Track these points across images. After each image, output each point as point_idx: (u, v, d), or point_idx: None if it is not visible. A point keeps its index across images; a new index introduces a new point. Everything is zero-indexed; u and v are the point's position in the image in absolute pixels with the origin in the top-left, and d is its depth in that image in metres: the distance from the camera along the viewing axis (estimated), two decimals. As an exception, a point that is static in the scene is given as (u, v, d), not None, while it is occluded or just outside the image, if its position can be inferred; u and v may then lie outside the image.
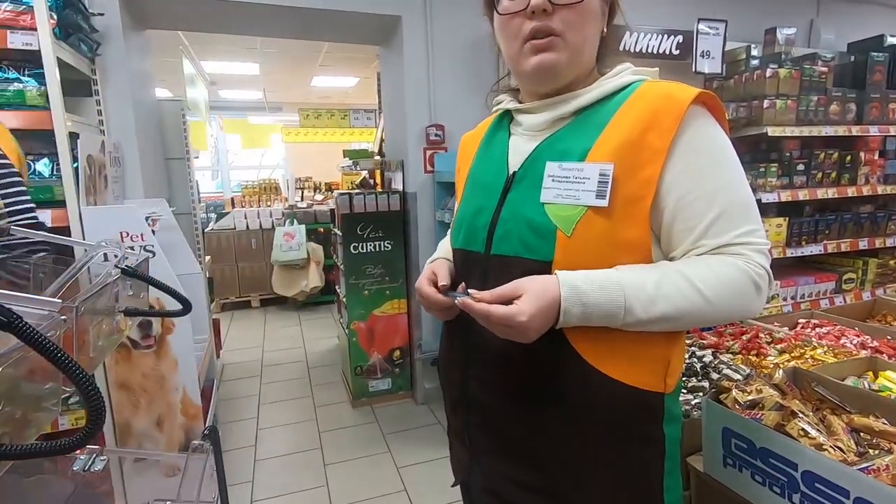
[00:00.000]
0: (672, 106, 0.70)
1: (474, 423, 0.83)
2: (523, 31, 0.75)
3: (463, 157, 0.98)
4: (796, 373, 1.22)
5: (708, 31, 2.70)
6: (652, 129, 0.70)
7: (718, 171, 0.72)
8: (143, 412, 1.92)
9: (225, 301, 5.37)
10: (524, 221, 0.74)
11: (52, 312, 0.51)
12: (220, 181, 8.86)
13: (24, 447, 0.38)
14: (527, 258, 0.73)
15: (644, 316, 0.67)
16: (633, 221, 0.70)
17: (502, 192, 0.79)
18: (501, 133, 0.88)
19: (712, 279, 0.68)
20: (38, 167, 1.73)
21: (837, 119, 2.80)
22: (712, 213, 0.70)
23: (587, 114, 0.77)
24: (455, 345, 0.86)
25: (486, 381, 0.80)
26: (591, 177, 0.70)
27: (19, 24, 1.58)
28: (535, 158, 0.77)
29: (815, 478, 0.84)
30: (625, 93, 0.76)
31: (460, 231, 0.85)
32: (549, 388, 0.73)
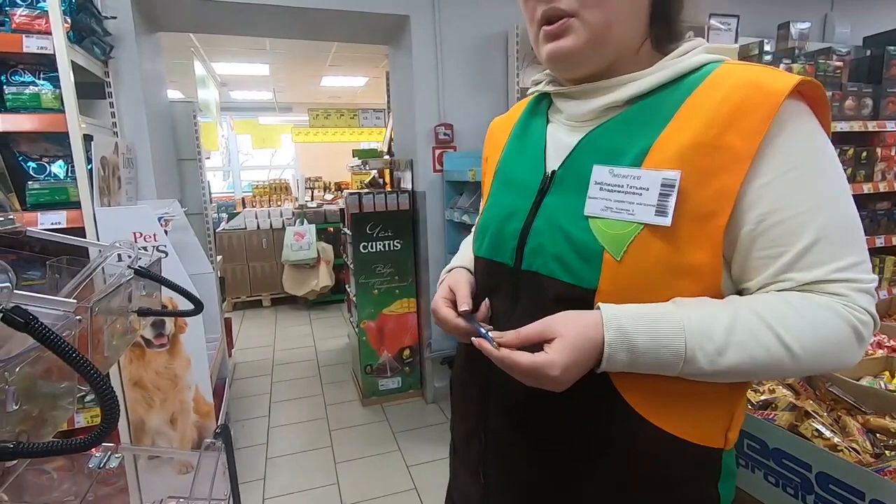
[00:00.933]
0: (762, 98, 0.55)
1: (491, 462, 0.70)
2: (536, 15, 0.64)
3: (491, 145, 0.83)
4: (810, 372, 1.21)
5: (720, 26, 2.67)
6: (733, 127, 0.55)
7: (819, 185, 0.56)
8: (157, 410, 1.94)
9: (236, 300, 5.42)
10: (563, 235, 0.61)
11: (67, 313, 0.52)
12: (232, 181, 8.94)
13: (41, 445, 0.39)
14: (564, 281, 0.60)
15: (708, 368, 0.54)
16: (702, 244, 0.56)
17: (538, 194, 0.66)
18: (538, 120, 0.73)
19: (801, 326, 0.53)
20: (53, 169, 1.76)
21: (853, 114, 2.75)
22: (806, 238, 0.54)
23: (645, 103, 0.62)
24: (475, 370, 0.71)
25: (510, 418, 0.67)
26: (651, 187, 0.56)
27: (34, 29, 1.61)
28: (576, 156, 0.64)
29: (830, 479, 0.83)
30: (695, 77, 0.60)
31: (485, 237, 0.71)
32: (587, 437, 0.61)
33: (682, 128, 0.57)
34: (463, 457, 0.78)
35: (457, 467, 0.83)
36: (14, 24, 1.60)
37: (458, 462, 0.81)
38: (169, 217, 2.16)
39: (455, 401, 0.81)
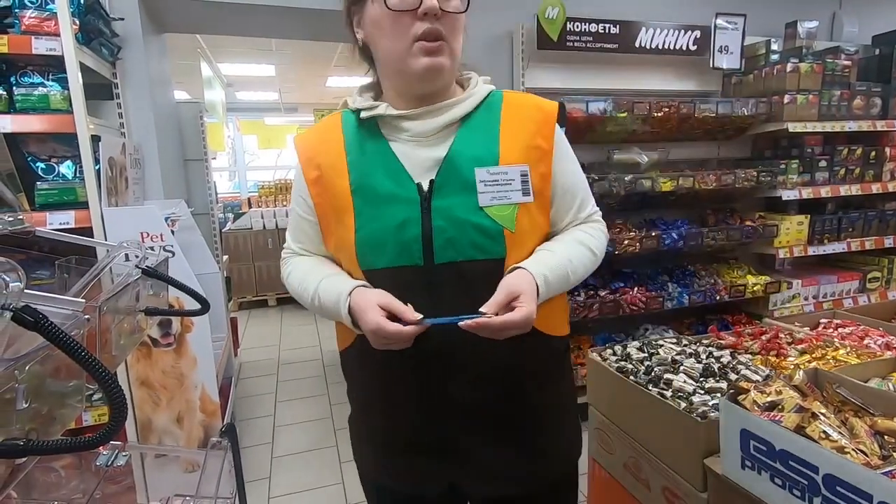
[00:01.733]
0: (547, 116, 0.87)
1: (462, 428, 0.86)
2: (414, 30, 0.76)
3: (319, 164, 0.86)
4: (817, 374, 1.20)
5: (726, 25, 2.65)
6: (538, 133, 0.85)
7: (574, 164, 0.92)
8: (164, 409, 1.95)
9: (242, 300, 5.45)
10: (470, 226, 0.79)
11: (76, 312, 0.52)
12: (238, 182, 8.98)
13: (49, 443, 0.39)
14: (482, 259, 0.80)
15: (573, 280, 0.86)
16: (543, 209, 0.87)
17: (423, 202, 0.80)
18: (376, 141, 0.84)
19: (593, 241, 0.91)
20: (61, 169, 1.77)
21: (861, 114, 2.73)
22: (579, 197, 0.92)
23: (472, 121, 0.85)
24: (421, 366, 0.82)
25: (470, 381, 0.83)
26: (515, 178, 0.81)
27: (43, 30, 1.62)
28: (452, 164, 0.81)
29: (837, 481, 0.82)
30: (492, 101, 0.87)
31: (383, 249, 0.80)
32: (515, 359, 0.85)
33: (512, 136, 0.84)
34: (421, 445, 0.88)
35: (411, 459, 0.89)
36: (23, 26, 1.61)
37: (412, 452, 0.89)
38: (175, 217, 2.17)
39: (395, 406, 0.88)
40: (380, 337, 0.74)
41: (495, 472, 0.87)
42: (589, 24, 2.49)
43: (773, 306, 2.79)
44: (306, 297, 0.88)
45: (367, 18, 0.80)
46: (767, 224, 2.68)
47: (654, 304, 2.53)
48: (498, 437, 0.87)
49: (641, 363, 1.40)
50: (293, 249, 0.96)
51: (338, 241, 0.86)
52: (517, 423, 0.87)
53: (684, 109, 2.46)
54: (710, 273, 2.81)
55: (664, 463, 1.23)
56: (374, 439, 0.93)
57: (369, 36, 0.83)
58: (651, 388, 1.27)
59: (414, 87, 0.82)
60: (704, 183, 2.48)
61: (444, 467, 0.88)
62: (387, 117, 0.84)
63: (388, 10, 0.75)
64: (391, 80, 0.85)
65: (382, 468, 0.94)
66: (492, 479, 0.88)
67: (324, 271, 0.88)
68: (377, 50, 0.83)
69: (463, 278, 0.79)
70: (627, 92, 2.67)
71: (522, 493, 0.90)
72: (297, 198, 0.91)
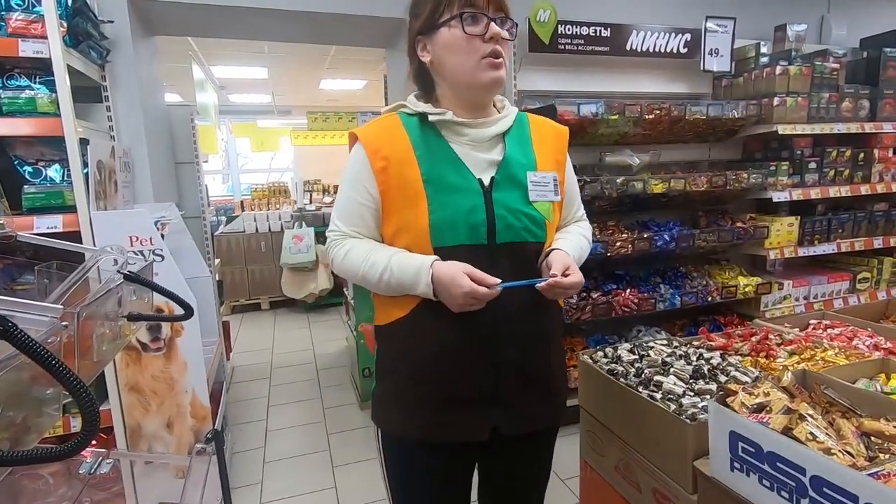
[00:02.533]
0: (562, 136, 1.13)
1: (507, 381, 1.03)
2: (483, 49, 0.96)
3: (386, 155, 1.00)
4: (806, 375, 1.20)
5: (716, 28, 2.67)
6: (556, 149, 1.11)
7: (574, 176, 1.19)
8: (153, 414, 1.93)
9: (235, 303, 5.42)
10: (525, 216, 1.00)
11: (53, 319, 0.52)
12: (231, 184, 8.94)
13: (21, 453, 0.38)
14: (532, 241, 1.02)
15: (582, 261, 1.12)
16: (560, 207, 1.12)
17: (485, 195, 0.99)
18: (438, 141, 1.02)
19: (587, 235, 1.20)
20: (49, 173, 1.76)
21: (850, 116, 2.75)
22: (577, 200, 1.21)
23: (512, 134, 1.06)
24: (481, 327, 0.98)
25: (519, 337, 1.02)
26: (550, 182, 1.05)
27: (30, 33, 1.61)
28: (507, 166, 1.02)
29: (824, 483, 0.82)
30: (521, 120, 1.10)
31: (456, 229, 0.97)
32: (546, 324, 1.09)
33: (542, 150, 1.08)
34: (465, 398, 1.02)
35: (456, 413, 1.02)
36: (10, 29, 1.60)
37: (460, 406, 1.02)
38: (166, 221, 2.15)
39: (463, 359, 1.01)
40: (469, 297, 0.90)
41: (530, 414, 1.07)
42: (580, 27, 2.50)
43: (764, 307, 2.80)
44: (373, 272, 0.99)
45: (439, 42, 0.99)
46: (758, 225, 2.70)
47: (647, 306, 2.53)
48: (532, 386, 1.06)
49: (632, 365, 1.40)
50: (344, 231, 1.05)
51: (404, 224, 0.99)
52: (543, 376, 1.08)
53: (675, 112, 2.48)
54: (702, 274, 2.82)
55: (654, 465, 1.23)
56: (430, 399, 1.03)
57: (437, 57, 1.00)
58: (641, 391, 1.27)
59: (479, 95, 1.03)
60: (696, 185, 2.49)
61: (491, 415, 1.03)
62: (450, 123, 1.02)
63: (464, 34, 0.95)
64: (456, 92, 1.02)
65: (436, 426, 1.03)
66: (528, 421, 1.07)
67: (391, 250, 1.01)
68: (445, 68, 1.00)
69: (516, 255, 1.00)
70: (619, 94, 2.68)
71: (545, 427, 1.14)
72: (357, 185, 1.02)
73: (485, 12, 0.96)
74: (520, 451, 1.15)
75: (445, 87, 1.04)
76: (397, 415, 1.08)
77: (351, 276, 1.04)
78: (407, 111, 1.05)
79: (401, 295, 1.00)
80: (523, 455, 1.16)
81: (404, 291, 0.99)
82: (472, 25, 0.96)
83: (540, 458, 1.21)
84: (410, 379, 1.05)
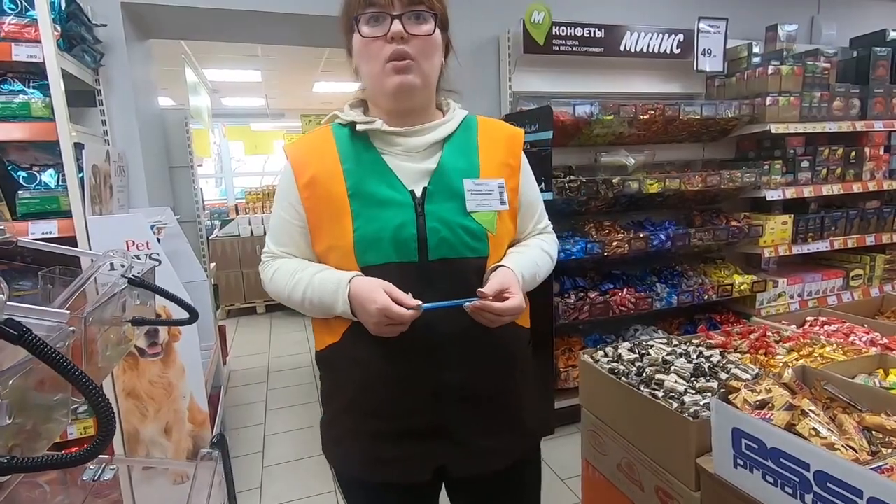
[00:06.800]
0: (515, 139, 1.02)
1: (453, 411, 0.93)
2: (384, 52, 0.86)
3: (313, 171, 0.93)
4: (805, 371, 1.21)
5: (709, 29, 2.69)
6: (509, 153, 1.00)
7: (534, 181, 1.08)
8: (151, 420, 1.92)
9: (230, 307, 5.38)
10: (460, 228, 0.90)
11: (60, 324, 0.51)
12: (224, 188, 8.89)
13: (35, 459, 0.38)
14: (470, 257, 0.91)
15: (539, 279, 1.02)
16: (513, 217, 1.00)
17: (416, 207, 0.90)
18: (370, 152, 0.94)
19: (550, 248, 1.07)
20: (43, 178, 1.74)
21: (841, 115, 2.79)
22: (538, 210, 1.08)
23: (454, 140, 0.97)
24: (414, 353, 0.89)
25: (463, 360, 0.92)
26: (494, 189, 0.94)
27: (24, 37, 1.60)
28: (441, 175, 0.93)
29: (828, 478, 0.83)
30: (468, 124, 1.00)
31: (382, 246, 0.88)
32: (500, 347, 0.96)
33: (488, 154, 0.97)
34: (409, 429, 0.93)
35: (399, 446, 0.94)
36: (3, 33, 1.59)
37: (399, 439, 0.93)
38: (161, 225, 2.14)
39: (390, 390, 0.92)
40: (383, 317, 0.81)
41: (482, 449, 0.95)
42: (574, 28, 2.51)
43: (759, 305, 2.83)
44: (297, 292, 0.92)
45: (354, 47, 0.92)
46: (753, 224, 2.72)
47: (644, 305, 2.55)
48: (484, 417, 0.96)
49: (633, 364, 1.41)
50: (275, 252, 1.00)
51: (332, 241, 0.91)
52: (501, 404, 0.98)
53: (669, 112, 2.49)
54: (698, 273, 2.84)
55: (657, 463, 1.23)
56: (366, 431, 0.95)
57: (356, 61, 0.93)
58: (643, 389, 1.28)
59: (391, 104, 0.92)
60: (690, 184, 2.51)
61: (434, 451, 0.94)
62: (380, 132, 0.93)
63: (362, 37, 0.87)
64: (376, 100, 0.95)
65: (373, 462, 0.95)
66: (480, 456, 0.95)
67: (316, 267, 0.94)
68: (361, 73, 0.93)
69: (453, 273, 0.90)
70: (614, 95, 2.70)
71: (502, 467, 0.98)
72: (284, 203, 0.96)
73: (387, 10, 0.85)
74: (488, 494, 1.03)
75: (368, 94, 0.97)
76: (337, 448, 1.01)
77: (280, 297, 0.97)
78: (339, 121, 0.98)
79: (330, 317, 0.93)
80: (494, 498, 1.04)
81: (326, 311, 0.91)
82: (372, 27, 0.87)
83: (517, 499, 1.08)
84: (344, 410, 0.98)
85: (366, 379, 0.93)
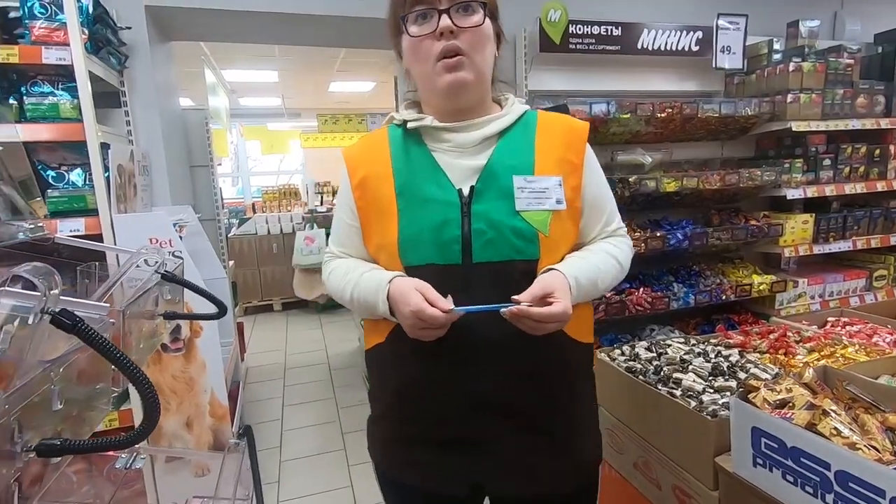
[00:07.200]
0: (577, 132, 0.95)
1: (491, 423, 0.88)
2: (434, 51, 0.84)
3: (364, 172, 0.94)
4: (827, 372, 1.20)
5: (728, 26, 2.66)
6: (569, 150, 0.92)
7: (603, 179, 0.99)
8: (174, 413, 1.96)
9: (248, 305, 5.46)
10: (507, 228, 0.85)
11: (101, 316, 0.53)
12: (241, 187, 9.01)
13: (85, 443, 0.40)
14: (518, 259, 0.85)
15: (601, 287, 0.92)
16: (574, 218, 0.92)
17: (463, 207, 0.86)
18: (420, 150, 0.92)
19: (620, 253, 0.97)
20: (71, 177, 1.79)
21: (865, 112, 2.73)
22: (606, 211, 0.98)
23: (509, 135, 0.92)
24: (450, 359, 0.86)
25: (501, 377, 0.87)
26: (550, 187, 0.88)
27: (53, 40, 1.64)
28: (491, 173, 0.88)
29: (850, 477, 0.83)
30: (527, 119, 0.94)
31: (422, 246, 0.86)
32: (548, 361, 0.88)
33: (546, 151, 0.91)
34: (445, 440, 0.90)
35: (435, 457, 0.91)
36: (34, 37, 1.63)
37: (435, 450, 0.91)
38: (183, 223, 2.19)
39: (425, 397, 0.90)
40: (417, 319, 0.78)
41: (522, 469, 0.89)
42: (591, 26, 2.50)
43: (779, 305, 2.79)
44: (346, 292, 0.92)
45: (404, 48, 0.90)
46: (772, 223, 2.68)
47: (660, 305, 2.53)
48: (526, 434, 0.89)
49: (650, 363, 1.41)
50: (334, 253, 1.02)
51: (380, 241, 0.91)
52: (545, 422, 0.90)
53: (687, 110, 2.47)
54: (716, 273, 2.81)
55: (674, 462, 1.23)
56: (402, 436, 0.94)
57: (407, 63, 0.92)
58: (660, 388, 1.28)
59: (444, 102, 0.90)
60: (708, 183, 2.48)
61: (470, 465, 0.90)
62: (431, 128, 0.91)
63: (411, 37, 0.85)
64: (429, 100, 0.93)
65: (409, 466, 0.94)
66: (518, 476, 0.89)
67: (366, 267, 0.94)
68: (413, 75, 0.92)
69: (499, 277, 0.83)
70: (630, 93, 2.68)
71: (546, 492, 0.91)
72: (342, 204, 0.98)
73: (434, 5, 0.82)
74: None
75: (421, 95, 0.96)
76: (378, 448, 1.02)
77: (335, 296, 0.98)
78: (395, 122, 0.96)
79: (377, 318, 0.91)
80: None
81: (371, 312, 0.89)
82: (420, 25, 0.84)
83: None
84: (385, 411, 0.98)
85: (404, 383, 0.92)
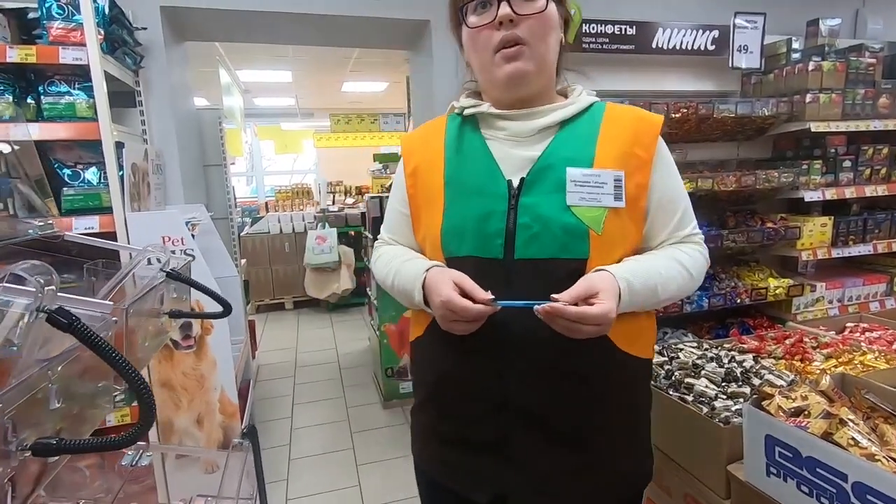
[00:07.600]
0: (649, 127, 0.86)
1: (519, 429, 0.82)
2: (493, 41, 0.80)
3: (417, 160, 0.93)
4: (845, 379, 1.17)
5: (745, 24, 2.61)
6: (637, 143, 0.84)
7: (677, 179, 0.89)
8: (184, 410, 1.98)
9: (260, 303, 5.51)
10: (555, 224, 0.79)
11: (104, 314, 0.53)
12: (255, 186, 9.10)
13: (80, 442, 0.40)
14: (564, 258, 0.79)
15: (663, 296, 0.82)
16: (636, 218, 0.84)
17: (511, 199, 0.81)
18: (474, 138, 0.88)
19: (691, 262, 0.86)
20: (86, 175, 1.82)
21: (887, 112, 2.66)
22: (677, 213, 0.88)
23: (571, 126, 0.86)
24: (482, 357, 0.82)
25: (530, 382, 0.81)
26: (608, 182, 0.80)
27: (70, 41, 1.67)
28: (545, 164, 0.82)
29: (867, 489, 0.80)
30: (594, 110, 0.88)
31: (464, 238, 0.82)
32: (589, 371, 0.82)
33: (609, 144, 0.83)
34: (474, 440, 0.86)
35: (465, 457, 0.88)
36: (51, 37, 1.66)
37: (464, 450, 0.88)
38: (196, 221, 2.21)
39: (454, 396, 0.88)
40: (447, 310, 0.75)
41: (551, 484, 0.83)
42: (605, 25, 2.47)
43: (795, 310, 2.73)
44: (388, 278, 0.92)
45: (464, 40, 0.87)
46: (790, 226, 2.62)
47: (673, 308, 2.49)
48: (559, 448, 0.82)
49: (661, 367, 1.38)
50: (384, 239, 1.01)
51: (426, 230, 0.89)
52: (580, 438, 0.83)
53: (703, 110, 2.43)
54: (731, 276, 2.76)
55: (686, 469, 1.21)
56: (435, 432, 0.93)
57: (466, 55, 0.89)
58: (672, 393, 1.25)
59: (503, 94, 0.86)
60: (724, 184, 2.44)
61: (496, 471, 0.85)
62: (487, 116, 0.88)
63: (469, 28, 0.82)
64: (488, 92, 0.90)
65: (439, 463, 0.93)
66: (546, 492, 0.83)
67: (410, 255, 0.92)
68: (473, 67, 0.89)
69: (542, 275, 0.78)
70: (645, 93, 2.65)
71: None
72: (396, 192, 0.97)
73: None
74: None
75: (480, 86, 0.92)
76: (416, 442, 1.01)
77: (380, 282, 0.97)
78: (455, 111, 0.93)
79: (415, 308, 0.89)
80: None
81: (410, 301, 0.87)
82: (479, 14, 0.81)
83: None
84: (422, 404, 0.97)
85: (437, 377, 0.90)
